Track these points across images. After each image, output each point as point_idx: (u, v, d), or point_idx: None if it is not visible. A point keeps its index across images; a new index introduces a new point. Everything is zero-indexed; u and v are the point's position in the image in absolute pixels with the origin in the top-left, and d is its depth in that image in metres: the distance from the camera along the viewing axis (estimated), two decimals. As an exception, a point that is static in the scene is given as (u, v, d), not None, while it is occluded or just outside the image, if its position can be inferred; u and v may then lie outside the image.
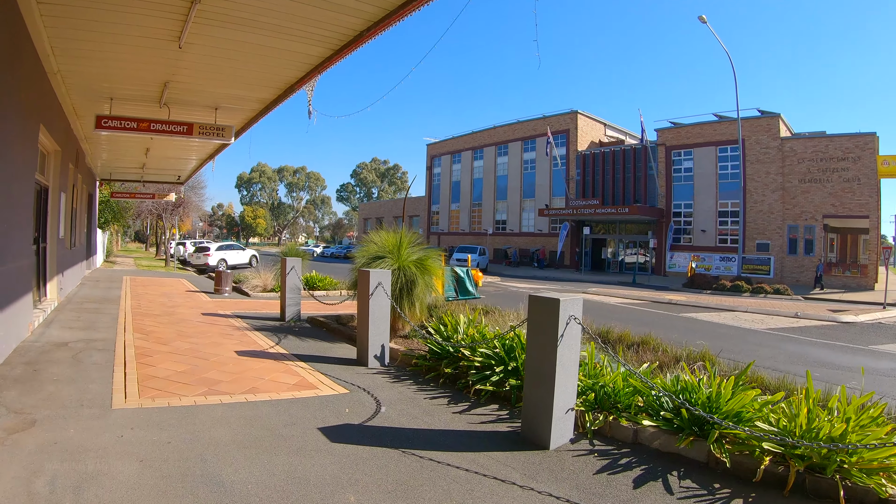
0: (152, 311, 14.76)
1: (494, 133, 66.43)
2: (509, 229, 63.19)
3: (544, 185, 59.71)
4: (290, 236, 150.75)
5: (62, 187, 15.53)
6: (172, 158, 22.59)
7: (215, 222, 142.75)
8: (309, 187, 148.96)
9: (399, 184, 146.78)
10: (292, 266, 14.57)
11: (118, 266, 36.09)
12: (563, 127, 57.44)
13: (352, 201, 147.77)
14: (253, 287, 21.62)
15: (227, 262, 40.02)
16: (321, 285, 21.92)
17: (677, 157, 48.90)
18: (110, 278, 24.72)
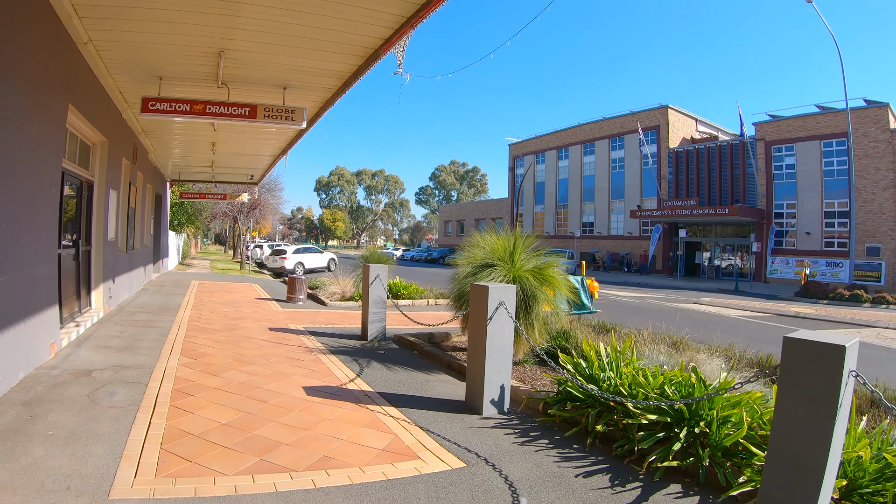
0: (211, 325, 12.65)
1: (580, 131, 64.00)
2: (597, 232, 60.79)
3: (634, 185, 57.18)
4: (368, 239, 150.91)
5: (112, 183, 13.65)
6: (242, 155, 20.69)
7: (294, 225, 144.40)
8: (388, 190, 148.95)
9: (478, 186, 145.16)
10: (377, 275, 12.19)
11: (192, 269, 34.59)
12: (652, 123, 54.58)
13: (430, 204, 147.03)
14: (330, 295, 19.52)
15: (304, 265, 38.42)
16: (406, 293, 19.89)
17: (777, 153, 45.66)
18: (178, 283, 23.04)
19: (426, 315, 15.66)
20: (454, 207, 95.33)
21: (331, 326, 13.62)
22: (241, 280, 27.40)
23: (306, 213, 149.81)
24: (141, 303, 15.85)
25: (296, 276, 18.46)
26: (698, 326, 15.64)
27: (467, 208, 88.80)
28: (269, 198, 50.96)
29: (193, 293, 19.36)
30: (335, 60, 10.13)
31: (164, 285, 21.55)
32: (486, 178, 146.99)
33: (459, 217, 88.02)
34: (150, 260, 23.56)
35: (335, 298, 19.05)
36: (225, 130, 16.05)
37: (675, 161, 52.69)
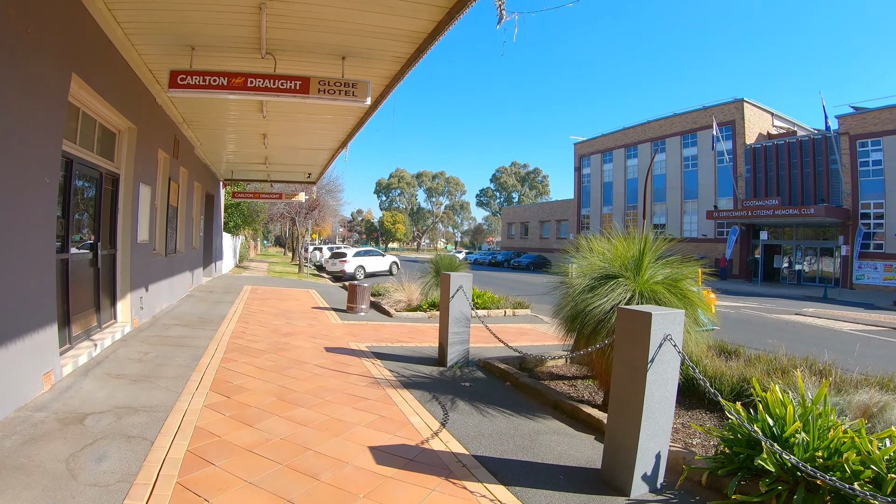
0: (256, 343, 10.66)
1: (649, 128, 60.69)
2: (669, 234, 55.30)
3: (708, 184, 53.37)
4: (429, 241, 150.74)
5: (144, 177, 11.78)
6: (297, 149, 18.79)
7: (354, 228, 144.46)
8: (448, 192, 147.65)
9: (540, 188, 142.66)
10: (459, 286, 9.88)
11: (248, 272, 33.11)
12: (726, 118, 50.88)
13: (491, 206, 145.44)
14: (395, 304, 17.52)
15: (364, 269, 36.88)
16: (480, 303, 17.80)
17: (863, 148, 42.01)
18: (228, 288, 21.35)
19: (507, 330, 13.73)
20: (518, 209, 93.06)
21: (399, 346, 11.51)
22: (297, 285, 25.59)
23: (366, 215, 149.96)
24: (180, 313, 14.07)
25: (357, 283, 16.32)
26: (817, 344, 13.10)
27: (531, 210, 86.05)
28: (328, 199, 49.27)
29: (243, 301, 17.62)
30: (409, 14, 7.92)
31: (212, 291, 19.86)
32: (548, 180, 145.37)
33: (523, 219, 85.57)
34: (200, 264, 21.91)
35: (401, 308, 17.07)
36: (275, 118, 14.11)
37: (753, 158, 49.25)
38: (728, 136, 50.32)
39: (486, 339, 10.67)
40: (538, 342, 9.76)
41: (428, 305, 16.85)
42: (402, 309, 16.91)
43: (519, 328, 14.27)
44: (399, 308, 16.99)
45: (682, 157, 56.19)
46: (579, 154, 71.11)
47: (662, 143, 58.36)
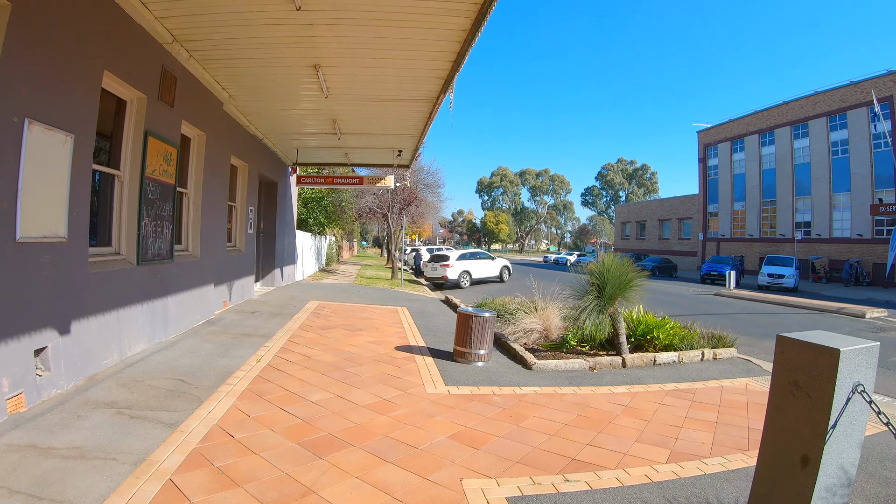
0: (247, 479, 4.64)
1: (787, 110, 52.58)
2: (815, 234, 49.02)
3: (863, 173, 44.87)
4: (533, 242, 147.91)
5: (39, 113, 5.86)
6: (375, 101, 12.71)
7: (455, 229, 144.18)
8: (553, 191, 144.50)
9: (648, 185, 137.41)
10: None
11: (331, 279, 27.74)
12: (882, 94, 41.83)
13: (597, 205, 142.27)
14: (526, 334, 12.10)
15: (471, 275, 31.01)
16: (658, 336, 11.64)
17: None
18: (283, 306, 15.58)
19: (735, 405, 8.34)
20: (633, 207, 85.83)
21: (568, 457, 5.82)
22: (385, 299, 19.65)
23: (467, 215, 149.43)
24: (154, 366, 8.11)
25: (472, 314, 9.95)
26: None
27: (648, 207, 79.07)
28: (427, 195, 43.33)
29: (291, 331, 11.78)
30: None
31: (256, 312, 14.03)
32: (657, 177, 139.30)
33: (639, 217, 78.71)
34: (248, 271, 16.08)
35: (537, 344, 11.71)
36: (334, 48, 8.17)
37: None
38: (886, 116, 41.77)
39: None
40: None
41: (577, 341, 11.49)
42: (540, 347, 11.45)
43: (751, 402, 8.56)
44: (536, 347, 11.48)
45: (829, 142, 48.18)
46: (704, 143, 63.76)
47: (804, 126, 50.62)
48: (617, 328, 10.76)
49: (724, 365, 11.07)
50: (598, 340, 11.16)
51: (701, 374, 10.23)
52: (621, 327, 10.78)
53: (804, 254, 47.49)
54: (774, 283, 36.93)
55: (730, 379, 9.96)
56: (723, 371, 10.56)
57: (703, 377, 9.96)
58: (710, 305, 24.42)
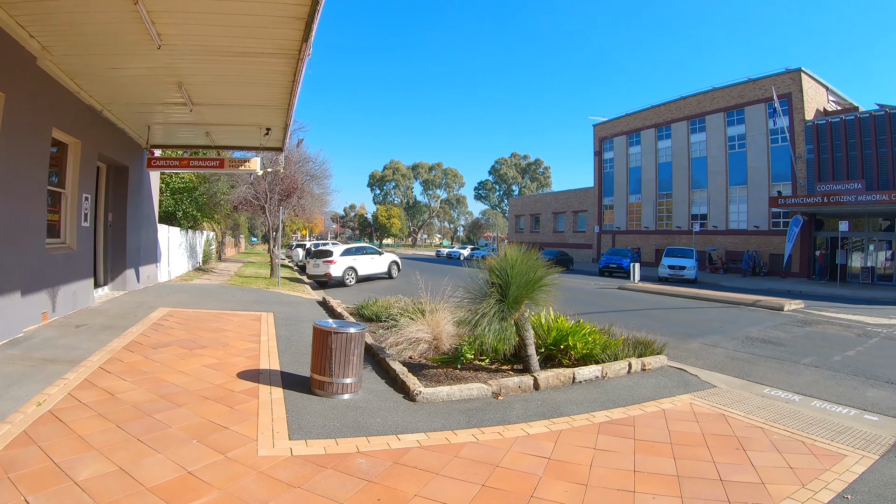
0: None
1: (684, 105, 52.68)
2: (712, 226, 49.53)
3: (760, 167, 45.97)
4: (426, 237, 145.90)
5: None
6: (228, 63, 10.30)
7: (347, 223, 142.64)
8: (446, 184, 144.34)
9: (541, 179, 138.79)
10: None
11: (202, 279, 24.80)
12: (781, 91, 43.29)
13: (490, 199, 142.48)
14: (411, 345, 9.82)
15: (357, 271, 28.67)
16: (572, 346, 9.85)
17: None
18: (124, 315, 12.72)
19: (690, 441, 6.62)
20: (527, 200, 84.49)
21: None
22: (253, 302, 16.94)
23: (360, 210, 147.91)
24: None
25: (333, 331, 7.28)
26: None
27: (543, 200, 77.12)
28: (313, 186, 40.55)
29: (107, 356, 8.96)
30: None
31: (83, 326, 11.16)
32: (550, 171, 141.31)
33: (534, 211, 77.03)
34: (81, 273, 13.19)
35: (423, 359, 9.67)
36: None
37: (816, 136, 41.81)
38: (784, 112, 42.85)
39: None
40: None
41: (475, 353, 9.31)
42: (429, 362, 9.51)
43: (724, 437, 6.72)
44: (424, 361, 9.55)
45: (727, 137, 48.91)
46: (600, 137, 63.30)
47: (701, 120, 51.15)
48: (524, 338, 8.73)
49: (656, 377, 9.38)
50: (502, 352, 8.96)
51: (632, 392, 8.43)
52: (529, 336, 8.79)
53: (701, 245, 47.79)
54: (675, 274, 36.67)
55: (669, 398, 8.32)
56: (657, 387, 8.82)
57: (636, 397, 8.26)
58: (619, 301, 22.89)
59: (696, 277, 37.04)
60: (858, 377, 10.58)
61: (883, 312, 21.95)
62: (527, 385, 8.24)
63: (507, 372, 8.82)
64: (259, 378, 8.09)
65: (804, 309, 21.89)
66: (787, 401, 8.74)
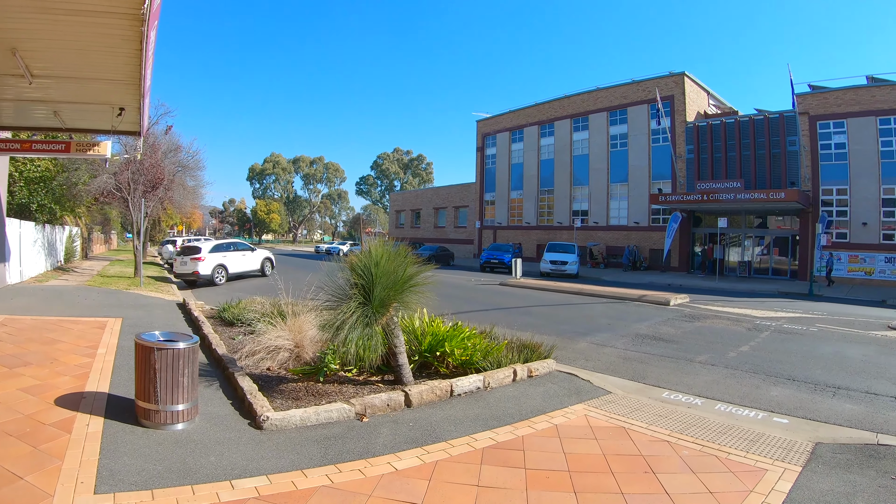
0: None
1: (568, 103, 53.38)
2: (593, 221, 50.60)
3: (641, 165, 47.56)
4: (306, 232, 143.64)
5: None
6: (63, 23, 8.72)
7: (227, 219, 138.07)
8: (327, 179, 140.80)
9: (423, 175, 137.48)
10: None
11: (60, 279, 22.54)
12: (664, 94, 44.83)
13: (372, 195, 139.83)
14: (269, 355, 8.66)
15: (227, 269, 26.75)
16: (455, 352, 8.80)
17: (825, 130, 38.31)
18: None
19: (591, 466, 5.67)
20: (408, 195, 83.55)
21: None
22: (104, 306, 15.22)
23: (239, 204, 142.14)
24: None
25: (154, 345, 5.80)
26: None
27: (424, 196, 76.97)
28: (186, 178, 38.07)
29: None
30: None
31: None
32: (432, 167, 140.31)
33: (414, 206, 76.60)
34: None
35: (286, 367, 8.48)
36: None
37: (696, 137, 43.86)
38: (667, 113, 44.55)
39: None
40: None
41: (341, 362, 7.99)
42: (289, 374, 8.28)
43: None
44: (283, 373, 8.35)
45: (609, 136, 50.15)
46: (483, 132, 63.18)
47: (585, 119, 52.22)
48: (394, 345, 7.62)
49: (544, 385, 8.47)
50: (370, 360, 7.58)
51: (520, 404, 7.46)
52: (399, 344, 7.66)
53: (582, 241, 48.25)
54: (557, 269, 36.36)
55: (561, 410, 7.39)
56: (547, 396, 7.89)
57: (524, 411, 7.28)
58: (501, 298, 22.06)
59: (577, 272, 36.98)
60: (758, 375, 10.18)
61: (767, 305, 22.25)
62: (397, 402, 7.08)
63: (377, 385, 7.72)
64: (81, 405, 6.58)
65: (690, 303, 21.82)
66: (690, 405, 8.11)
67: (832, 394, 9.01)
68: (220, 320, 12.94)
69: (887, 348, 13.60)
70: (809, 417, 7.72)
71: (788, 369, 10.58)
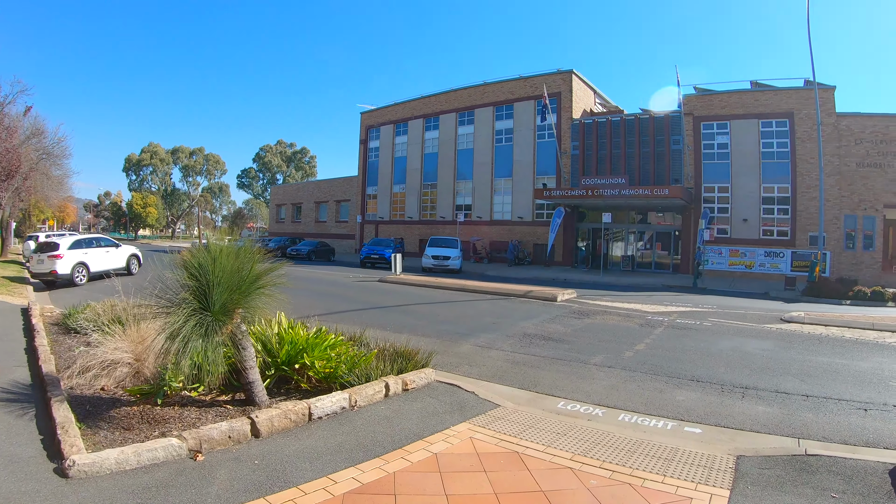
0: None
1: (455, 97, 53.16)
2: (476, 216, 50.19)
3: (526, 161, 47.93)
4: (185, 228, 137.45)
5: None
6: None
7: (102, 213, 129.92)
8: (207, 171, 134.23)
9: (307, 169, 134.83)
10: None
11: None
12: (552, 90, 45.06)
13: (254, 188, 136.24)
14: (112, 378, 7.00)
15: (88, 267, 24.05)
16: (317, 364, 7.39)
17: (709, 131, 40.27)
18: None
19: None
20: (289, 188, 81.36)
21: None
22: None
23: (115, 198, 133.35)
24: None
25: None
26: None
27: (305, 189, 74.73)
28: (51, 166, 35.33)
29: None
30: None
31: None
32: (316, 160, 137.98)
33: (295, 200, 74.08)
34: None
35: (123, 386, 7.00)
36: None
37: (582, 134, 44.72)
38: (553, 109, 44.83)
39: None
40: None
41: (182, 382, 6.52)
42: (124, 395, 6.83)
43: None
44: (118, 394, 6.92)
45: (495, 131, 50.29)
46: (367, 125, 61.93)
47: (471, 113, 52.04)
48: (242, 358, 6.27)
49: (422, 400, 7.32)
50: (214, 377, 6.14)
51: (392, 427, 6.32)
52: (248, 356, 6.32)
53: (465, 236, 47.71)
54: (439, 265, 35.70)
55: (441, 432, 6.25)
56: (425, 414, 6.74)
57: (397, 436, 6.10)
58: (379, 296, 20.68)
59: (460, 267, 36.51)
60: (660, 377, 9.42)
61: (655, 299, 22.23)
62: (241, 433, 5.61)
63: (225, 406, 6.37)
64: None
65: (578, 298, 21.34)
66: (590, 417, 7.17)
67: (741, 395, 8.46)
68: (63, 328, 11.16)
69: (785, 342, 13.40)
70: (723, 424, 7.08)
71: (690, 369, 9.92)
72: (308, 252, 47.69)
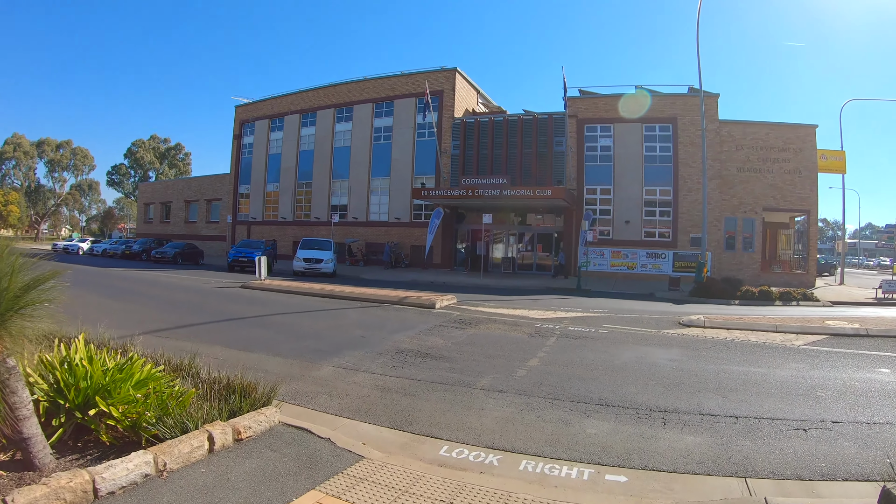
0: None
1: (333, 92, 52.09)
2: (352, 217, 49.51)
3: (404, 159, 47.66)
4: (50, 229, 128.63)
5: None
6: None
7: None
8: (75, 167, 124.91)
9: (181, 166, 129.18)
10: None
11: None
12: (434, 88, 44.67)
13: (125, 187, 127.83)
14: None
15: None
16: (117, 411, 5.14)
17: (592, 133, 41.51)
18: None
19: None
20: (157, 186, 77.59)
21: None
22: None
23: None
24: None
25: None
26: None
27: (175, 187, 71.78)
28: None
29: None
30: None
31: None
32: (191, 158, 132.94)
33: (164, 198, 70.66)
34: None
35: None
36: None
37: (463, 134, 44.72)
38: (434, 108, 44.60)
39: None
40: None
41: None
42: None
43: None
44: None
45: (374, 128, 49.78)
46: (241, 119, 59.42)
47: (349, 110, 51.43)
48: (13, 405, 4.27)
49: (259, 455, 5.42)
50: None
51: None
52: (21, 403, 4.33)
53: (340, 237, 46.74)
54: (311, 268, 34.02)
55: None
56: (260, 480, 4.89)
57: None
58: (238, 305, 18.52)
59: (334, 271, 35.24)
60: (561, 401, 7.92)
61: (541, 304, 21.35)
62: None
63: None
64: None
65: (459, 305, 19.93)
66: (483, 468, 5.58)
67: (662, 422, 7.22)
68: None
69: (692, 350, 12.72)
70: (651, 466, 5.75)
71: (596, 389, 8.54)
72: (174, 255, 44.98)
